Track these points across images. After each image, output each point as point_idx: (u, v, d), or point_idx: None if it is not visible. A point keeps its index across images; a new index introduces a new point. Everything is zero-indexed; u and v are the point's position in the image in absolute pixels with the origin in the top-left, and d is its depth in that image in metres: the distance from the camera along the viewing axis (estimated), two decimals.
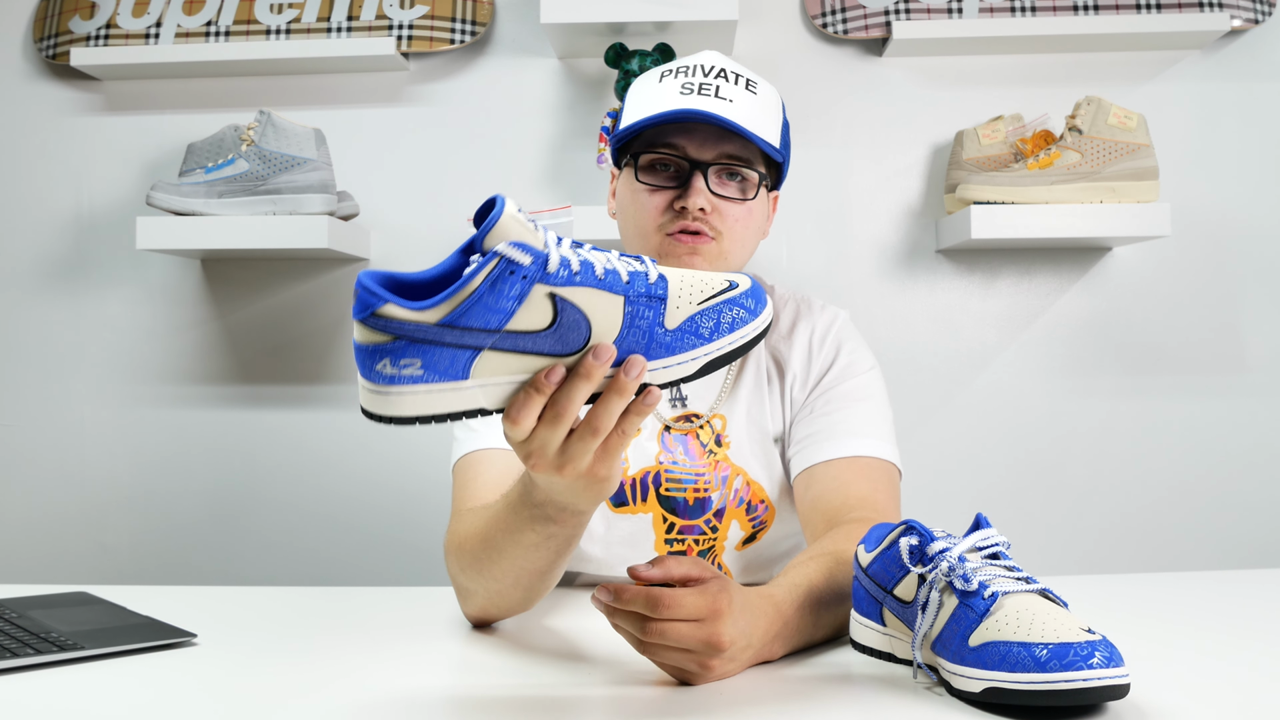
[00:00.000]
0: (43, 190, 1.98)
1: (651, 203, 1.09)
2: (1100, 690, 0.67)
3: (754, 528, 1.16)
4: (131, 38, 1.91)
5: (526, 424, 0.69)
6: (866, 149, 1.91)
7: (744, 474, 1.16)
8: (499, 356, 0.68)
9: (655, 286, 0.71)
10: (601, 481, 0.75)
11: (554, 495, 0.79)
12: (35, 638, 0.87)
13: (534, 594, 0.93)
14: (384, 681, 0.81)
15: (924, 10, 1.85)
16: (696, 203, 1.07)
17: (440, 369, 0.67)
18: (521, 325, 0.67)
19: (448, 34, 1.89)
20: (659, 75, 1.12)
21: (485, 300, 0.66)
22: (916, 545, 0.80)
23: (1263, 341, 1.87)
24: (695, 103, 1.06)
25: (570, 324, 0.68)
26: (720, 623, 0.76)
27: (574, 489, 0.76)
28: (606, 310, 0.69)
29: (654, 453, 1.15)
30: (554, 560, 0.88)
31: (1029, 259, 1.89)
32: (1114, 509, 1.88)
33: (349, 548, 1.93)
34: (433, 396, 0.68)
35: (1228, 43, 1.87)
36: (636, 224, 1.11)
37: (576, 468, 0.72)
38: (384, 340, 0.67)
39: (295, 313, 1.95)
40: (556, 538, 0.84)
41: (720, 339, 0.72)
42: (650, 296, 0.70)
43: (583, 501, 0.79)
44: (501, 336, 0.67)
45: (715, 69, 1.10)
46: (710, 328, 0.71)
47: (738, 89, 1.09)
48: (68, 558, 1.96)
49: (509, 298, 0.67)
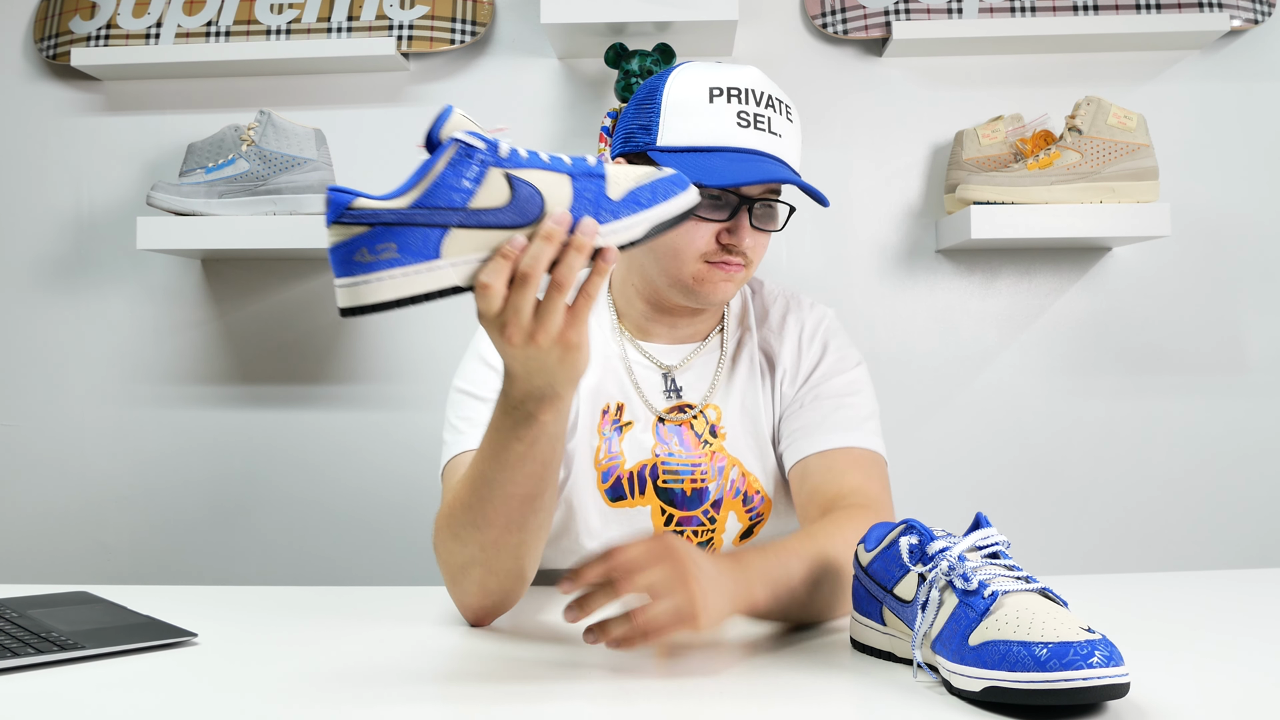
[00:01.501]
0: (43, 190, 1.98)
1: (699, 232, 1.09)
2: (1100, 689, 0.67)
3: (751, 520, 1.17)
4: (132, 38, 1.91)
5: (497, 287, 0.76)
6: (866, 149, 1.91)
7: (739, 465, 1.17)
8: (466, 234, 0.76)
9: (595, 169, 0.80)
10: (573, 350, 0.80)
11: (531, 378, 0.82)
12: (35, 637, 0.87)
13: (526, 546, 0.93)
14: (384, 681, 0.81)
15: (924, 10, 1.85)
16: (748, 242, 1.09)
17: (414, 249, 0.75)
18: (483, 203, 0.76)
19: (448, 34, 1.89)
20: (706, 92, 1.08)
21: (448, 181, 0.75)
22: (916, 544, 0.80)
23: (1263, 341, 1.87)
24: (755, 140, 1.07)
25: (526, 197, 0.77)
26: (680, 583, 0.81)
27: (548, 362, 0.80)
28: (556, 185, 0.78)
29: (650, 445, 1.16)
30: (539, 482, 0.89)
31: (1029, 259, 1.89)
32: (1114, 509, 1.88)
33: (349, 547, 1.94)
34: (409, 278, 0.75)
35: (1227, 43, 1.87)
36: (675, 247, 1.10)
37: (549, 331, 0.78)
38: (360, 230, 0.75)
39: (295, 313, 1.95)
40: (539, 444, 0.86)
41: (660, 206, 0.80)
42: (592, 175, 0.79)
43: (558, 378, 0.82)
44: (466, 214, 0.76)
45: (765, 96, 1.09)
46: (648, 198, 0.80)
47: (782, 120, 1.09)
48: (68, 558, 1.96)
49: (469, 179, 0.75)
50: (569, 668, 0.87)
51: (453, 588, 0.98)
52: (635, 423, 1.17)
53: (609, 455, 1.16)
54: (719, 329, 1.23)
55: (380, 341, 1.95)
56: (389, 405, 1.93)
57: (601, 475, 1.16)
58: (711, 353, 1.22)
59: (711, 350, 1.22)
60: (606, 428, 1.17)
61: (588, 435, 1.17)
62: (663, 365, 1.20)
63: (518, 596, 0.99)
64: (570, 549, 1.18)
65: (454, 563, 0.96)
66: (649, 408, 1.18)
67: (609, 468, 1.16)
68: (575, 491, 1.16)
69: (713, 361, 1.21)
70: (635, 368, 1.20)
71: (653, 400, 1.18)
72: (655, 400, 1.19)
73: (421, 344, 1.94)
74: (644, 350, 1.21)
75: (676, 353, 1.21)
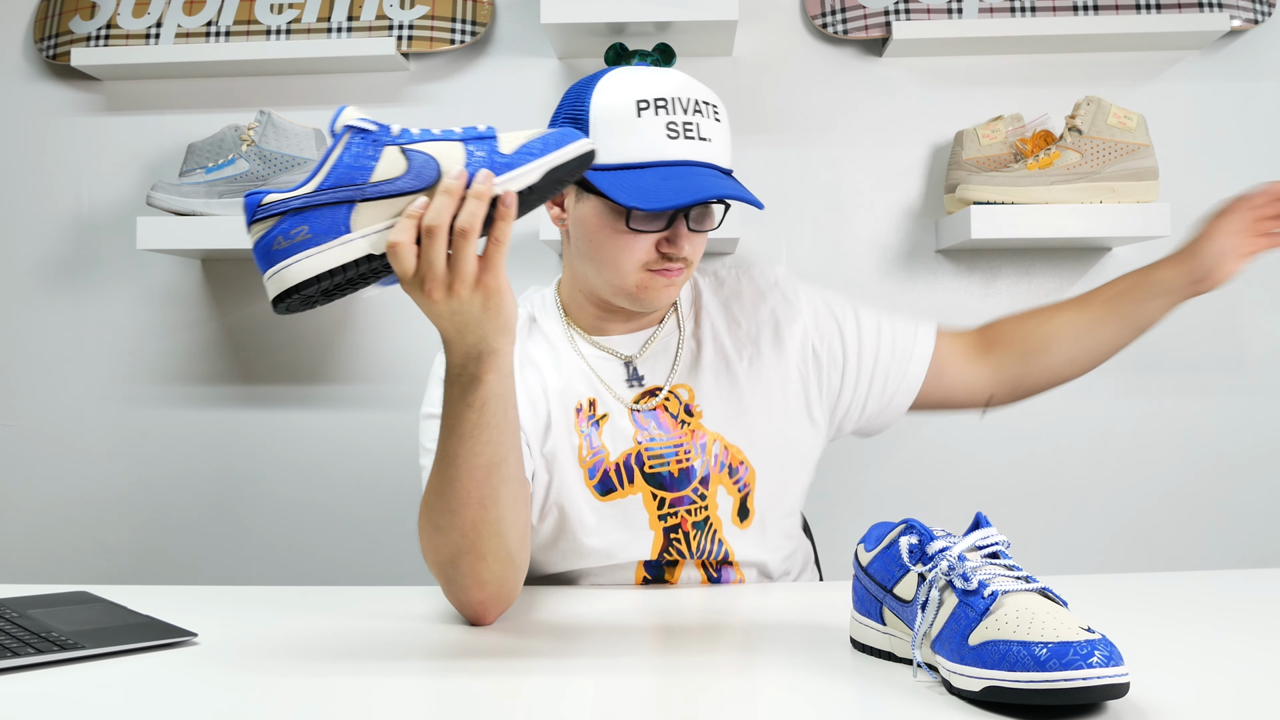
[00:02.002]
0: (43, 190, 1.98)
1: (639, 244, 1.11)
2: (1100, 689, 0.67)
3: (740, 491, 1.18)
4: (132, 38, 1.92)
5: (406, 243, 0.81)
6: (866, 149, 1.91)
7: (721, 439, 1.19)
8: (371, 206, 0.82)
9: (485, 132, 0.85)
10: (494, 296, 0.84)
11: (464, 336, 0.86)
12: (36, 637, 0.87)
13: (506, 522, 0.94)
14: (384, 680, 0.81)
15: (924, 10, 1.85)
16: (684, 249, 1.12)
17: (325, 228, 0.81)
18: (382, 175, 0.82)
19: (448, 34, 1.89)
20: (634, 106, 1.08)
21: (347, 164, 0.82)
22: (916, 544, 0.80)
23: (1263, 341, 1.87)
24: (686, 150, 1.08)
25: (421, 164, 0.82)
26: None
27: (473, 312, 0.84)
28: (449, 151, 0.83)
29: (631, 433, 1.17)
30: (499, 448, 0.91)
31: (1029, 259, 1.89)
32: (1114, 508, 1.88)
33: (349, 547, 1.94)
34: (324, 254, 0.81)
35: (1227, 43, 1.87)
36: (615, 259, 1.12)
37: (464, 278, 0.82)
38: (274, 221, 0.81)
39: (299, 311, 1.94)
40: (490, 408, 0.90)
41: (554, 153, 0.84)
42: (483, 138, 0.84)
43: (488, 330, 0.86)
44: (369, 188, 0.82)
45: (691, 101, 1.09)
46: (540, 148, 0.84)
47: (710, 123, 1.10)
48: (68, 558, 1.96)
49: (367, 157, 0.82)
50: (568, 667, 0.87)
51: (448, 588, 0.98)
52: (610, 415, 1.18)
53: (592, 450, 1.17)
54: (672, 309, 1.26)
55: (380, 341, 1.95)
56: (388, 405, 1.93)
57: (588, 471, 1.17)
58: (669, 335, 1.24)
59: (669, 334, 1.24)
60: (583, 424, 1.18)
61: (566, 435, 1.17)
62: (622, 355, 1.22)
63: (513, 585, 0.99)
64: (569, 550, 1.18)
65: (442, 558, 0.96)
66: (618, 399, 1.19)
67: (594, 463, 1.17)
68: (564, 493, 1.16)
69: (672, 344, 1.23)
70: (594, 362, 1.21)
71: (619, 392, 1.20)
72: (621, 391, 1.20)
73: (421, 344, 1.93)
74: (600, 345, 1.22)
75: (633, 341, 1.23)
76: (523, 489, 0.97)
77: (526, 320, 1.23)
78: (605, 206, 1.11)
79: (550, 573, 1.21)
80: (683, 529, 1.17)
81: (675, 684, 0.80)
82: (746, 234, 1.89)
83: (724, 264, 1.32)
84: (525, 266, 1.91)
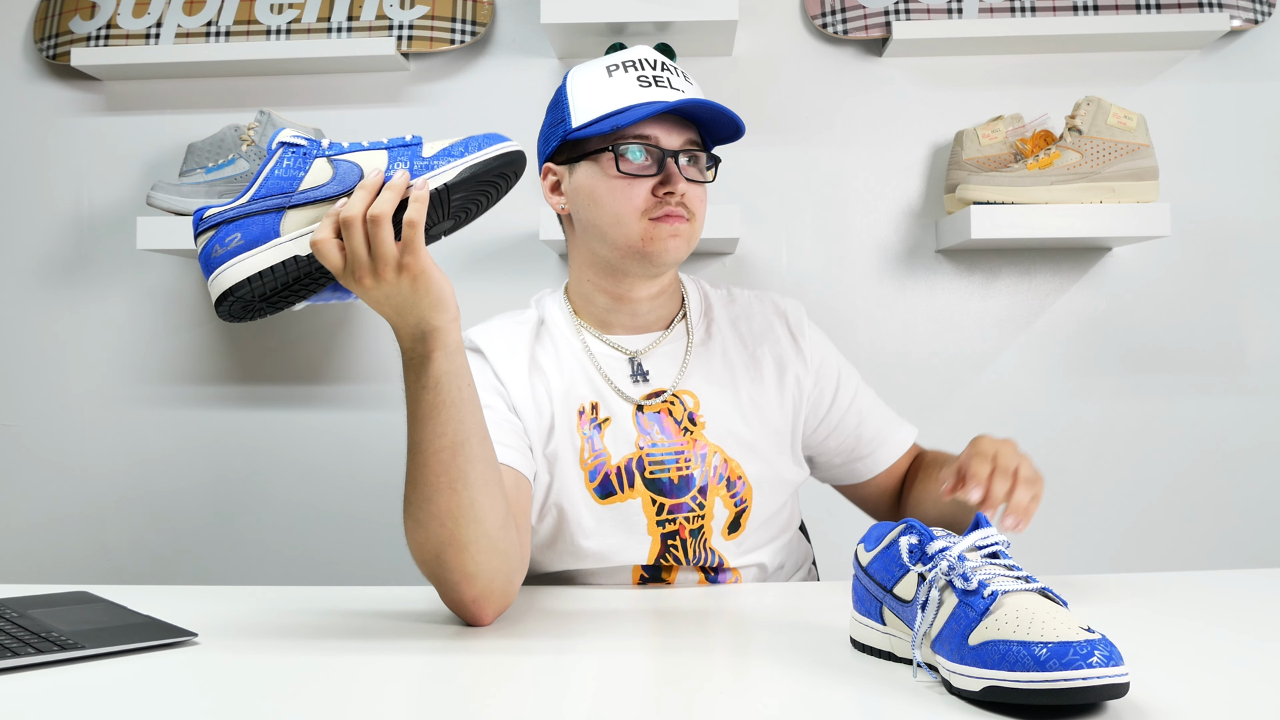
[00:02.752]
0: (43, 190, 1.98)
1: (635, 191, 1.14)
2: (1099, 689, 0.67)
3: (736, 506, 1.19)
4: (132, 38, 1.92)
5: (327, 238, 0.86)
6: (866, 149, 1.91)
7: (721, 451, 1.19)
8: (298, 212, 0.89)
9: (411, 141, 0.91)
10: (421, 276, 0.88)
11: (404, 317, 0.90)
12: (36, 637, 0.87)
13: (482, 507, 0.94)
14: (385, 680, 0.81)
15: (924, 10, 1.85)
16: (682, 188, 1.14)
17: (256, 234, 0.88)
18: (310, 184, 0.89)
19: (448, 34, 1.89)
20: (604, 71, 1.16)
21: (278, 175, 0.89)
22: (916, 544, 0.80)
23: (1263, 341, 1.87)
24: (659, 95, 1.14)
25: (346, 170, 0.89)
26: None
27: (405, 293, 0.89)
28: (373, 158, 0.90)
29: (633, 437, 1.17)
30: (459, 427, 0.93)
31: (1029, 259, 1.89)
32: (1114, 508, 1.88)
33: (349, 547, 1.94)
34: (255, 257, 0.88)
35: (1227, 43, 1.87)
36: (616, 212, 1.14)
37: (387, 261, 0.87)
38: (213, 231, 0.89)
39: (295, 313, 1.95)
40: (443, 386, 0.92)
41: (475, 154, 0.90)
42: (407, 145, 0.90)
43: (424, 308, 0.90)
44: (296, 195, 0.89)
45: (659, 62, 1.17)
46: (460, 150, 0.90)
47: (681, 80, 1.18)
48: (68, 558, 1.96)
49: (296, 169, 0.89)
50: (567, 667, 0.87)
51: (440, 588, 0.98)
52: (613, 418, 1.18)
53: (594, 453, 1.17)
54: (681, 315, 1.26)
55: (380, 341, 1.95)
56: (389, 405, 1.93)
57: (589, 474, 1.17)
58: (678, 339, 1.24)
59: (677, 337, 1.24)
60: (585, 427, 1.18)
61: (568, 437, 1.17)
62: (628, 351, 1.22)
63: (505, 580, 0.98)
64: (566, 551, 1.18)
65: (428, 555, 0.96)
66: (623, 398, 1.19)
67: (595, 466, 1.17)
68: (564, 494, 1.16)
69: (680, 348, 1.23)
70: (600, 358, 1.21)
71: (624, 389, 1.20)
72: (626, 388, 1.20)
73: None
74: (607, 341, 1.22)
75: (641, 340, 1.23)
76: (493, 471, 0.97)
77: (535, 324, 1.23)
78: (595, 165, 1.15)
79: (548, 571, 1.21)
80: (680, 535, 1.17)
81: (674, 684, 0.80)
82: (747, 233, 1.89)
83: (740, 285, 1.35)
84: (525, 266, 1.91)
